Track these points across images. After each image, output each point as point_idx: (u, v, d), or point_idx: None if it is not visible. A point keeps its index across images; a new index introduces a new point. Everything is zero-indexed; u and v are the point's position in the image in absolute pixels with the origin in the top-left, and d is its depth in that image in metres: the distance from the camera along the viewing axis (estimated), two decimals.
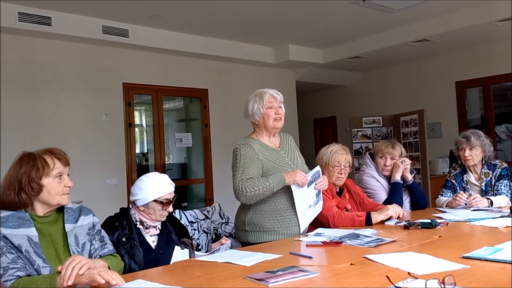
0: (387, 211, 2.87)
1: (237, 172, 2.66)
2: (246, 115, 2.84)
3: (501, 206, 3.22)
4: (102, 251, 2.09)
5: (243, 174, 2.64)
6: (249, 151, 2.70)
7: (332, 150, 3.17)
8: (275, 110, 2.77)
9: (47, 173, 1.95)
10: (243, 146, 2.71)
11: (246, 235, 2.76)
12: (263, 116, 2.77)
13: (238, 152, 2.71)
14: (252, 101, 2.80)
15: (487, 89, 7.30)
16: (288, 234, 2.72)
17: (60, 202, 2.00)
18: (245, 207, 2.77)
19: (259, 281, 1.64)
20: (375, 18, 6.17)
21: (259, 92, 2.82)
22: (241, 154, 2.69)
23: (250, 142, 2.75)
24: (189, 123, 7.79)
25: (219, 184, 7.10)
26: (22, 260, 1.80)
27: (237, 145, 2.75)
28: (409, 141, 7.12)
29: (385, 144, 3.57)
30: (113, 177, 6.09)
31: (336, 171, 3.13)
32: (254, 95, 2.83)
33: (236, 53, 7.17)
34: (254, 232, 2.73)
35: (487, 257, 1.79)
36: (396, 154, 3.51)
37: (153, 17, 5.78)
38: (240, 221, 2.80)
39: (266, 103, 2.76)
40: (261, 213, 2.71)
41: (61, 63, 5.76)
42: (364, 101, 9.09)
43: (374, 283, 1.57)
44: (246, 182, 2.62)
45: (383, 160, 3.52)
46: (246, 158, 2.67)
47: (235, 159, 2.71)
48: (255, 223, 2.72)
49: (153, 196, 2.41)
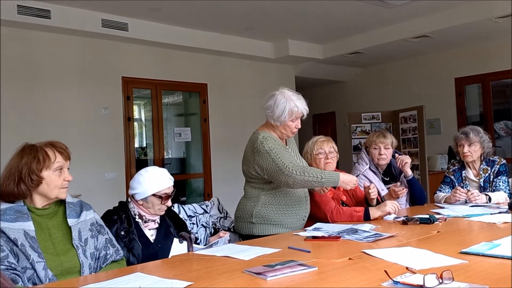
0: (384, 207, 2.87)
1: (278, 161, 2.63)
2: (267, 113, 2.77)
3: (499, 202, 3.22)
4: (117, 257, 2.10)
5: (285, 159, 2.63)
6: (274, 141, 2.72)
7: (313, 141, 3.22)
8: (295, 124, 2.78)
9: (48, 166, 1.95)
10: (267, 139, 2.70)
11: (251, 227, 2.76)
12: (283, 125, 2.76)
13: (265, 145, 2.68)
14: (281, 106, 2.70)
15: (486, 86, 7.30)
16: (293, 227, 2.73)
17: (58, 196, 2.00)
18: (253, 199, 2.77)
19: (257, 275, 1.64)
20: (375, 13, 6.16)
21: (290, 100, 2.71)
22: (270, 146, 2.67)
23: (270, 135, 2.75)
24: (188, 117, 7.78)
25: (218, 179, 7.11)
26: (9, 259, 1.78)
27: (259, 139, 2.70)
28: (408, 137, 7.13)
29: (375, 134, 3.60)
30: (112, 171, 6.09)
31: (322, 158, 3.13)
32: (284, 99, 2.71)
33: (236, 48, 7.16)
34: (261, 224, 2.73)
35: (485, 253, 1.80)
36: (388, 142, 3.54)
37: (152, 11, 5.76)
38: (246, 213, 2.79)
39: (293, 117, 2.74)
40: (270, 206, 2.72)
41: (60, 56, 5.75)
42: (363, 97, 9.09)
43: (372, 277, 1.57)
44: (297, 166, 2.62)
45: (377, 150, 3.53)
46: (276, 148, 2.68)
47: (266, 153, 2.66)
48: (263, 215, 2.73)
49: (152, 190, 2.41)
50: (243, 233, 2.82)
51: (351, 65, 8.74)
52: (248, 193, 2.85)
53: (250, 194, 2.82)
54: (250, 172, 2.79)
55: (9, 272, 1.75)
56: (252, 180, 2.81)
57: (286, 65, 8.22)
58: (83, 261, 1.95)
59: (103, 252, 2.05)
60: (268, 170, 2.66)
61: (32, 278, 1.80)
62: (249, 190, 2.85)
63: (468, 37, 6.86)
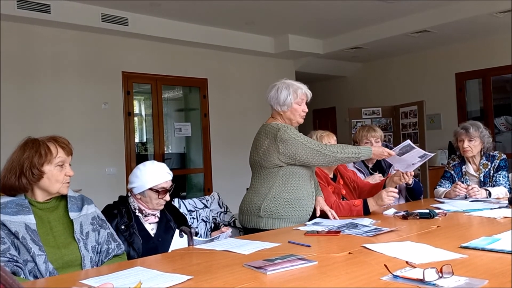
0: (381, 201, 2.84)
1: (309, 146, 2.66)
2: (272, 102, 2.78)
3: (499, 197, 3.23)
4: (119, 251, 2.11)
5: (314, 143, 2.69)
6: (295, 130, 2.74)
7: (317, 136, 3.21)
8: (302, 107, 2.79)
9: (49, 161, 1.95)
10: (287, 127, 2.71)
11: (258, 220, 2.74)
12: (291, 110, 2.76)
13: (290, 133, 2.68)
14: (285, 91, 2.73)
15: (487, 81, 7.29)
16: (299, 221, 2.73)
17: (59, 191, 2.00)
18: (261, 194, 2.74)
19: (257, 269, 1.64)
20: (375, 8, 6.14)
21: (292, 85, 2.76)
22: (296, 133, 2.70)
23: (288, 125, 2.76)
24: (188, 112, 7.78)
25: (218, 174, 7.11)
26: (10, 252, 1.78)
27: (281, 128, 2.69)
28: (408, 132, 7.12)
29: (365, 129, 3.59)
30: (112, 165, 6.10)
31: None
32: (286, 85, 2.75)
33: (236, 43, 7.15)
34: (268, 218, 2.72)
35: (485, 247, 1.80)
36: (378, 136, 3.54)
37: (153, 5, 5.74)
38: (254, 207, 2.75)
39: (298, 99, 2.75)
40: (279, 201, 2.71)
41: (60, 51, 5.74)
42: (364, 92, 9.08)
43: (372, 271, 1.57)
44: (333, 146, 2.70)
45: (368, 144, 3.50)
46: (301, 135, 2.71)
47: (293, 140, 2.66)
48: (271, 210, 2.72)
49: (149, 184, 2.41)
50: (248, 227, 2.80)
51: (351, 60, 8.72)
52: (256, 187, 2.80)
53: (259, 188, 2.78)
54: (269, 162, 2.72)
55: (11, 265, 1.75)
56: (266, 171, 2.75)
57: (286, 60, 8.20)
58: (84, 254, 1.95)
59: (105, 246, 2.05)
60: (302, 155, 2.67)
61: (33, 271, 1.81)
62: (258, 183, 2.80)
63: (469, 32, 6.85)
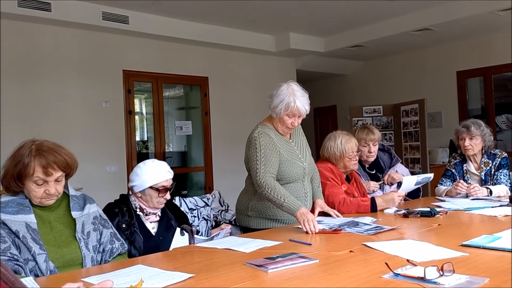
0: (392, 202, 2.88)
1: (259, 163, 2.61)
2: (269, 102, 2.74)
3: (500, 196, 3.23)
4: (122, 250, 2.11)
5: (266, 166, 2.60)
6: (268, 140, 2.67)
7: (342, 141, 3.11)
8: (292, 120, 2.71)
9: (26, 176, 1.90)
10: (262, 136, 2.67)
11: (247, 219, 2.78)
12: (279, 119, 2.72)
13: (257, 142, 2.66)
14: (280, 98, 2.65)
15: (488, 79, 7.28)
16: (290, 223, 2.73)
17: (41, 204, 1.95)
18: (249, 193, 2.78)
19: (258, 267, 1.64)
20: (376, 6, 6.13)
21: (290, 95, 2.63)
22: (261, 144, 2.64)
23: (267, 131, 2.71)
24: (189, 111, 7.78)
25: (219, 172, 7.11)
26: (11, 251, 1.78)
27: (255, 134, 2.70)
28: (409, 130, 7.11)
29: (364, 131, 3.44)
30: (113, 164, 6.10)
31: (353, 160, 3.13)
32: (285, 93, 2.65)
33: (237, 41, 7.14)
34: (256, 218, 2.74)
35: (485, 245, 1.80)
36: (376, 138, 3.43)
37: (153, 3, 5.74)
38: (243, 206, 2.81)
39: (288, 112, 2.67)
40: (266, 201, 2.71)
41: (60, 49, 5.73)
42: (365, 90, 9.07)
43: (373, 269, 1.58)
44: (270, 181, 2.58)
45: (367, 147, 3.43)
46: (266, 149, 2.64)
47: (255, 149, 2.65)
48: (258, 209, 2.74)
49: (149, 182, 2.41)
50: (242, 225, 2.85)
51: (352, 58, 8.71)
52: (246, 186, 2.86)
53: (248, 187, 2.83)
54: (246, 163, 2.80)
55: (12, 263, 1.75)
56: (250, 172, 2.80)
57: (288, 58, 8.19)
58: (85, 254, 1.95)
59: (109, 246, 2.05)
60: (250, 164, 2.68)
61: (34, 270, 1.81)
62: (247, 183, 2.86)
63: (470, 30, 6.83)
